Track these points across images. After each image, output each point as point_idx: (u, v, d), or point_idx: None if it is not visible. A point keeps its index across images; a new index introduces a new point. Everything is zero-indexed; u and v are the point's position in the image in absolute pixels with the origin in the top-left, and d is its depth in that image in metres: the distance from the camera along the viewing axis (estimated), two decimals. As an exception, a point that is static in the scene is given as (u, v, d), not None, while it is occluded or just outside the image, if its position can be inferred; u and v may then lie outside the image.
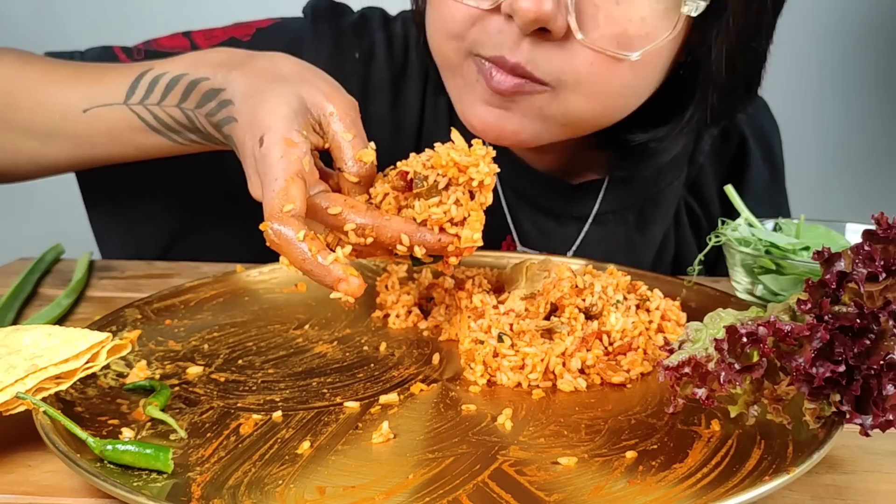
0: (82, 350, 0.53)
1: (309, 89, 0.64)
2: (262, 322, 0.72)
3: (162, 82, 0.74)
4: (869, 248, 0.48)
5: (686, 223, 0.98)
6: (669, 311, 0.67)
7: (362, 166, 0.63)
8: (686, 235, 0.98)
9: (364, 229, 0.60)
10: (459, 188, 0.61)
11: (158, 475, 0.47)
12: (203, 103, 0.71)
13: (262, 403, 0.57)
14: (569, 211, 0.93)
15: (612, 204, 0.93)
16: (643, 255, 0.94)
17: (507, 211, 0.92)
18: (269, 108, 0.62)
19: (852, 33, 1.84)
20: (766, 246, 0.77)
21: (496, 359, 0.61)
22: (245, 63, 0.70)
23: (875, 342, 0.46)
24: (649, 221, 0.94)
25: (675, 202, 0.96)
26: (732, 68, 0.76)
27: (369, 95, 0.91)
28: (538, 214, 0.94)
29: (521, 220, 0.93)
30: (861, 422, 0.46)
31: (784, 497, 0.48)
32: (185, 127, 0.75)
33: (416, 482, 0.47)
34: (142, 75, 0.76)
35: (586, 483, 0.47)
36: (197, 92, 0.72)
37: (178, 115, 0.74)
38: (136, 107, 0.76)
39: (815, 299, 0.48)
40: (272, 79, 0.66)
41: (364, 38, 0.93)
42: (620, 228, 0.94)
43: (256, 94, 0.65)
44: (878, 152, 1.91)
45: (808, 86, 1.85)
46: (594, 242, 0.93)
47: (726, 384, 0.48)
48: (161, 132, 0.76)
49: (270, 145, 0.60)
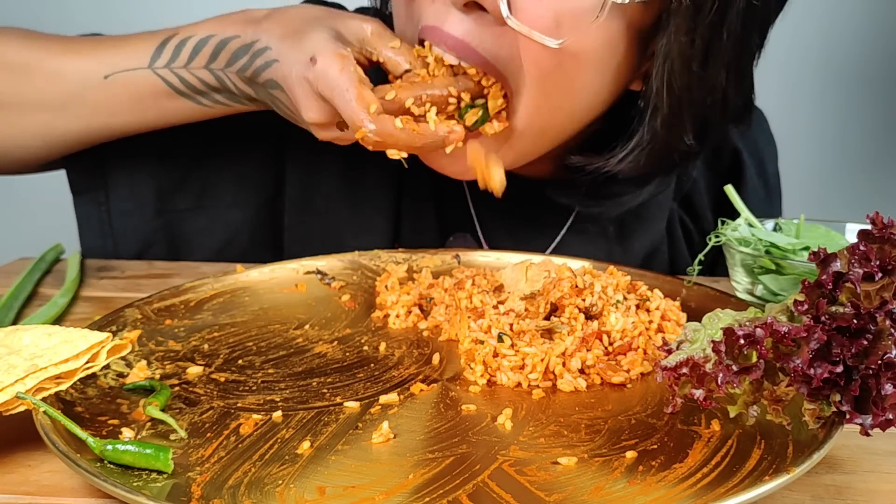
0: (82, 350, 0.53)
1: (342, 20, 0.71)
2: (262, 322, 0.72)
3: (189, 45, 0.75)
4: (865, 247, 0.48)
5: (681, 237, 0.97)
6: (669, 311, 0.67)
7: (422, 61, 0.71)
8: (681, 249, 0.97)
9: (421, 98, 0.69)
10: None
11: (158, 475, 0.47)
12: (234, 61, 0.73)
13: (262, 403, 0.57)
14: (544, 218, 0.92)
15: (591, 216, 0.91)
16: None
17: (477, 222, 0.92)
18: (311, 37, 0.69)
19: (851, 33, 1.84)
20: (766, 246, 0.77)
21: (496, 359, 0.61)
22: (272, 15, 0.74)
23: (872, 342, 0.46)
24: (630, 234, 0.92)
25: (660, 216, 0.94)
26: (678, 90, 0.73)
27: None
28: (513, 222, 0.92)
29: (494, 229, 0.92)
30: (861, 421, 0.46)
31: (784, 497, 0.48)
32: (212, 88, 0.76)
33: (416, 482, 0.47)
34: (167, 40, 0.77)
35: (586, 483, 0.47)
36: (227, 51, 0.74)
37: (206, 77, 0.75)
38: (162, 70, 0.76)
39: (812, 300, 0.48)
40: (304, 21, 0.72)
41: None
42: (599, 239, 0.92)
43: (294, 34, 0.70)
44: (877, 152, 1.91)
45: (808, 86, 1.85)
46: (570, 251, 0.91)
47: (724, 385, 0.48)
48: (187, 95, 0.77)
49: (327, 63, 0.66)
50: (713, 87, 0.75)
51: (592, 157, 0.78)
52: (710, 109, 0.77)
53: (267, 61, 0.71)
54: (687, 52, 0.71)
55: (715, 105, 0.76)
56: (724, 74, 0.74)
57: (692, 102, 0.75)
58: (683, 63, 0.71)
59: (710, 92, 0.75)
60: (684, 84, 0.73)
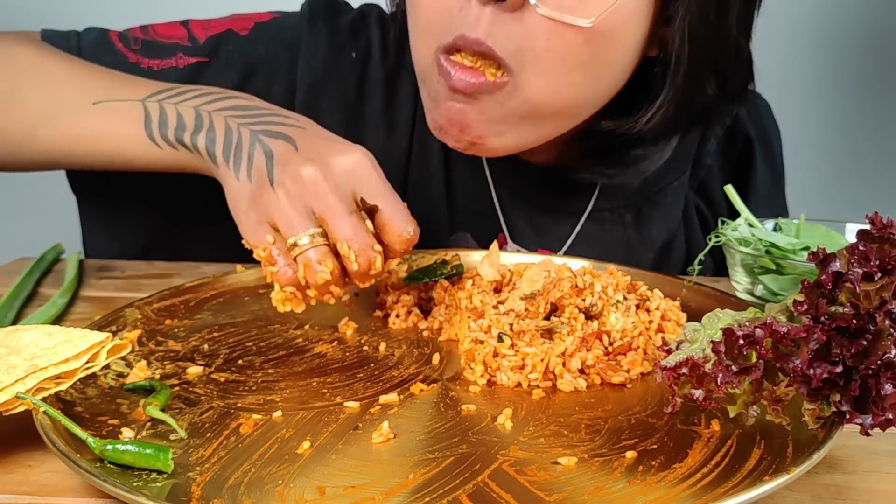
0: (82, 350, 0.53)
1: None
2: (262, 322, 0.72)
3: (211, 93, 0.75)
4: (864, 247, 0.48)
5: (696, 223, 0.98)
6: (669, 311, 0.67)
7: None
8: (697, 236, 0.97)
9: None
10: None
11: (158, 475, 0.47)
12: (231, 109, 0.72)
13: (262, 403, 0.57)
14: (564, 206, 0.92)
15: (609, 201, 0.92)
16: (641, 255, 0.94)
17: (500, 209, 0.92)
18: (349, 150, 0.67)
19: (851, 33, 1.84)
20: (766, 246, 0.77)
21: (496, 359, 0.61)
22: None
23: (872, 342, 0.46)
24: (647, 221, 0.93)
25: (677, 203, 0.95)
26: (696, 57, 0.76)
27: (365, 95, 0.91)
28: (532, 210, 0.93)
29: (515, 218, 0.93)
30: (861, 421, 0.46)
31: (784, 497, 0.48)
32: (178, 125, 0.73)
33: (416, 482, 0.47)
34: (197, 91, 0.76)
35: (586, 483, 0.47)
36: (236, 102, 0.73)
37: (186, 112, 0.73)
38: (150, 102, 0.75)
39: (811, 300, 0.48)
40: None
41: (361, 38, 0.92)
42: (617, 227, 0.93)
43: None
44: (877, 152, 1.91)
45: (808, 85, 1.85)
46: (589, 240, 0.92)
47: (723, 385, 0.48)
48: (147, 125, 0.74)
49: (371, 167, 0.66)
50: (728, 37, 0.78)
51: (623, 120, 0.80)
52: (726, 60, 0.80)
53: (287, 124, 0.69)
54: (704, 5, 0.74)
55: (730, 56, 0.80)
56: (735, 24, 0.78)
57: (711, 52, 0.78)
58: (701, 14, 0.74)
59: (725, 41, 0.78)
60: (703, 34, 0.75)
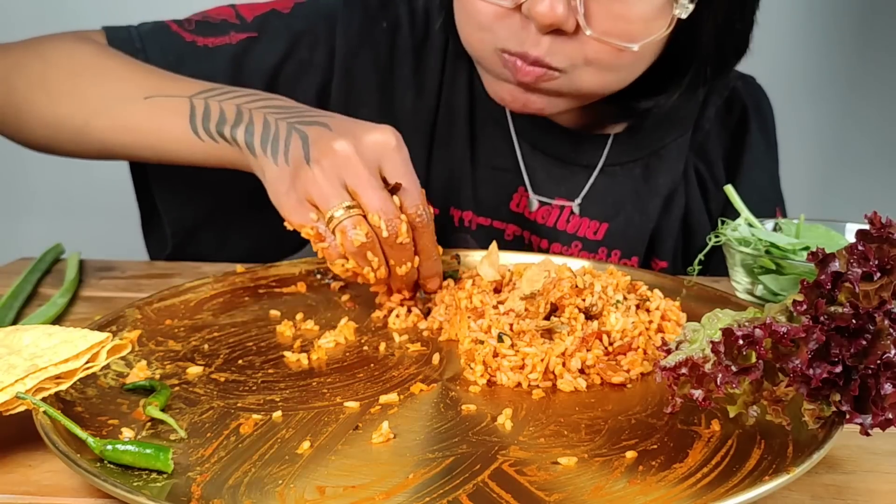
0: (82, 350, 0.53)
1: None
2: (262, 322, 0.72)
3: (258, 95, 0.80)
4: (863, 247, 0.48)
5: (694, 181, 1.04)
6: (669, 311, 0.67)
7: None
8: (694, 192, 1.04)
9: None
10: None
11: (158, 475, 0.47)
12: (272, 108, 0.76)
13: (262, 403, 0.57)
14: (578, 159, 1.00)
15: (619, 156, 1.00)
16: (648, 202, 1.00)
17: (522, 160, 1.00)
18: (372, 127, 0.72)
19: (851, 32, 1.84)
20: (766, 246, 0.77)
21: (496, 359, 0.61)
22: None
23: (871, 342, 0.46)
24: (654, 173, 1.01)
25: (680, 157, 1.01)
26: (721, 40, 0.87)
27: (396, 61, 0.99)
28: (551, 162, 1.00)
29: (535, 169, 1.00)
30: (861, 421, 0.46)
31: (784, 497, 0.48)
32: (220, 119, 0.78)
33: (416, 482, 0.47)
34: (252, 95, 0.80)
35: (586, 483, 0.47)
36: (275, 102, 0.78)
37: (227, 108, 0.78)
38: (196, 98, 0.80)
39: (810, 300, 0.48)
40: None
41: (390, 11, 1.00)
42: (627, 181, 1.00)
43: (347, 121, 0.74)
44: (877, 152, 1.91)
45: (808, 85, 1.85)
46: (602, 191, 0.99)
47: (723, 386, 0.48)
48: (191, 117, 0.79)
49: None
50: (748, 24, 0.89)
51: (659, 98, 0.92)
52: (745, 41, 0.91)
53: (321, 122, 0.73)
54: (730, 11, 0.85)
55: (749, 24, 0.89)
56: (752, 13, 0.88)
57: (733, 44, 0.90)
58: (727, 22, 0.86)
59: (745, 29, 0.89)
60: (728, 34, 0.87)
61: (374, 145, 0.69)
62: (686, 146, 1.02)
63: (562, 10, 0.75)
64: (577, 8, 0.77)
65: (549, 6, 0.75)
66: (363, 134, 0.70)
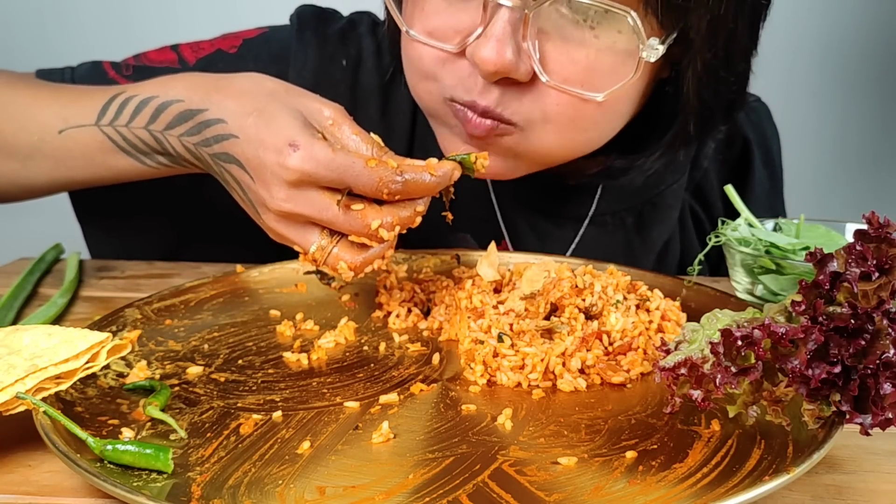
0: (82, 350, 0.53)
1: (303, 102, 0.66)
2: (262, 322, 0.72)
3: (131, 104, 0.74)
4: (861, 247, 0.48)
5: (691, 226, 0.99)
6: (669, 311, 0.67)
7: (380, 147, 0.65)
8: (691, 239, 0.98)
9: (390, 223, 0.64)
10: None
11: (158, 475, 0.47)
12: (175, 124, 0.71)
13: (262, 403, 0.57)
14: (566, 211, 0.93)
15: (610, 205, 0.93)
16: (642, 257, 0.94)
17: (500, 217, 0.93)
18: (280, 119, 0.63)
19: (851, 35, 1.84)
20: (766, 246, 0.77)
21: (496, 359, 0.61)
22: (223, 85, 0.70)
23: (870, 342, 0.46)
24: (648, 225, 0.94)
25: (676, 205, 0.96)
26: (706, 96, 0.77)
27: (358, 101, 0.91)
28: (535, 216, 0.93)
29: (518, 224, 0.93)
30: (861, 421, 0.46)
31: (784, 497, 0.48)
32: (152, 149, 0.75)
33: (416, 482, 0.47)
34: (114, 97, 0.76)
35: (586, 483, 0.47)
36: (168, 113, 0.71)
37: (145, 137, 0.74)
38: (106, 128, 0.76)
39: (809, 300, 0.48)
40: (264, 98, 0.66)
41: (351, 45, 0.93)
42: (619, 231, 0.94)
43: (255, 112, 0.65)
44: (877, 152, 1.91)
45: (808, 86, 1.85)
46: (592, 244, 0.93)
47: (722, 386, 0.48)
48: (130, 153, 0.76)
49: (314, 148, 0.61)
50: (738, 77, 0.78)
51: (633, 158, 0.82)
52: (737, 94, 0.81)
53: (221, 134, 0.67)
54: (712, 64, 0.74)
55: (741, 89, 0.81)
56: (745, 63, 0.78)
57: (721, 97, 0.79)
58: (710, 73, 0.75)
59: (735, 82, 0.79)
60: (713, 87, 0.76)
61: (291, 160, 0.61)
62: (682, 191, 0.95)
63: (510, 56, 0.66)
64: (531, 53, 0.67)
65: (494, 51, 0.66)
66: (275, 154, 0.62)
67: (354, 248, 0.65)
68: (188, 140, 0.70)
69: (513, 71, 0.67)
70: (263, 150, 0.63)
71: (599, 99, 0.70)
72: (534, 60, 0.68)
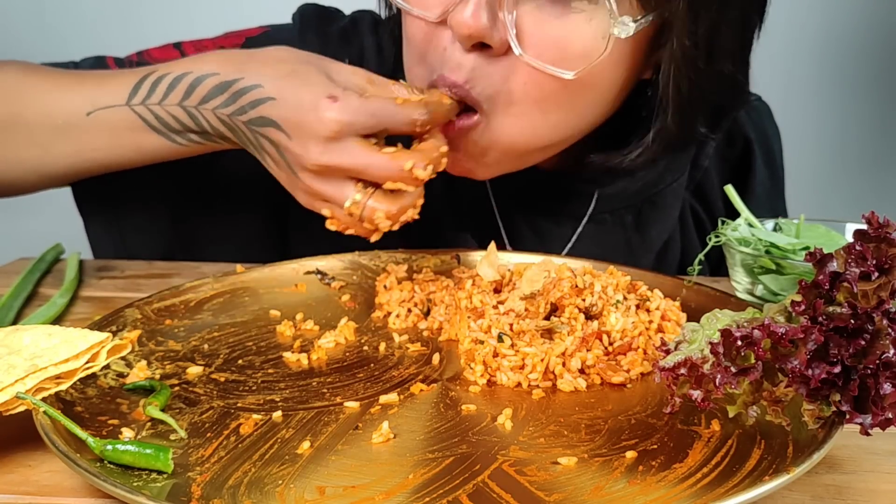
0: (82, 350, 0.53)
1: (333, 67, 0.71)
2: (262, 322, 0.72)
3: (164, 82, 0.75)
4: (861, 247, 0.48)
5: (692, 226, 0.98)
6: (669, 311, 0.67)
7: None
8: (692, 238, 0.98)
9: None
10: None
11: (158, 475, 0.47)
12: (210, 97, 0.73)
13: (262, 403, 0.57)
14: (565, 210, 0.93)
15: (610, 203, 0.93)
16: (641, 256, 0.94)
17: (499, 216, 0.93)
18: (315, 79, 0.69)
19: (850, 34, 1.84)
20: (766, 246, 0.77)
21: (496, 359, 0.61)
22: (255, 55, 0.74)
23: (870, 342, 0.46)
24: (648, 223, 0.94)
25: (676, 204, 0.95)
26: (684, 88, 0.75)
27: None
28: (534, 215, 0.94)
29: (516, 223, 0.93)
30: (861, 421, 0.46)
31: (784, 497, 0.48)
32: (185, 126, 0.76)
33: (416, 482, 0.47)
34: (145, 77, 0.77)
35: (586, 483, 0.47)
36: (203, 87, 0.73)
37: (178, 114, 0.75)
38: (138, 107, 0.76)
39: (809, 300, 0.48)
40: (297, 62, 0.71)
41: (353, 44, 0.93)
42: (618, 229, 0.94)
43: (291, 73, 0.70)
44: (877, 152, 1.91)
45: (808, 86, 1.85)
46: (590, 242, 0.93)
47: (722, 386, 0.48)
48: (161, 132, 0.77)
49: (351, 97, 0.67)
50: (722, 78, 0.77)
51: (610, 155, 0.81)
52: (721, 97, 0.80)
53: (258, 98, 0.70)
54: (691, 54, 0.73)
55: (726, 93, 0.80)
56: (731, 63, 0.77)
57: (703, 96, 0.77)
58: (689, 64, 0.74)
59: (720, 83, 0.78)
60: (692, 81, 0.75)
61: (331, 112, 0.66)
62: (682, 190, 0.95)
63: (485, 21, 0.67)
64: (508, 26, 0.69)
65: (470, 14, 0.67)
66: (313, 110, 0.66)
67: (389, 197, 0.68)
68: (223, 111, 0.73)
69: (487, 37, 0.68)
70: (301, 107, 0.67)
71: (569, 76, 0.70)
72: (509, 34, 0.69)
